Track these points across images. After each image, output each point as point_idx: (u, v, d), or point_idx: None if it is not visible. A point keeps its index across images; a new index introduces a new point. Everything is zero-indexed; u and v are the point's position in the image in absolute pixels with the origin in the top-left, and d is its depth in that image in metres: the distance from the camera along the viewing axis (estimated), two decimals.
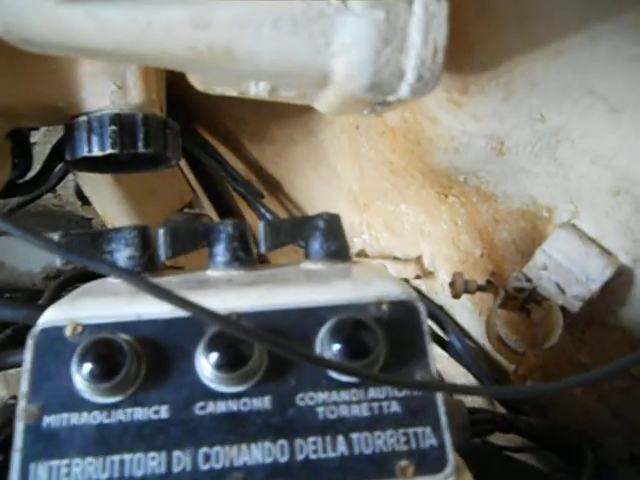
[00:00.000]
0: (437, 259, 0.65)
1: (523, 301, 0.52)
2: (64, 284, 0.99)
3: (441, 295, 0.67)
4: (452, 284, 0.53)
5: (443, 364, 0.65)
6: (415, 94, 0.27)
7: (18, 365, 0.77)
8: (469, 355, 0.58)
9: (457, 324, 0.66)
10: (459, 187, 0.56)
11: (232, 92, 0.34)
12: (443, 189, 0.58)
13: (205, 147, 0.78)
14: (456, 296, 0.52)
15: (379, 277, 0.37)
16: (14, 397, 0.85)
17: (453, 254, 0.63)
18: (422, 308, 0.35)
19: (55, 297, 0.93)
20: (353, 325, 0.32)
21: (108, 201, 0.85)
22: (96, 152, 0.55)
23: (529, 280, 0.50)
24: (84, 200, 1.05)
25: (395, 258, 0.68)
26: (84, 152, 0.56)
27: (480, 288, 0.53)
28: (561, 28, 0.37)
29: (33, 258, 1.14)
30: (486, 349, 0.64)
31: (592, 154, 0.44)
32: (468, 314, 0.64)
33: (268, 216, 0.74)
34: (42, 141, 0.98)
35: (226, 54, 0.26)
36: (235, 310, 0.33)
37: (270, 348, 0.29)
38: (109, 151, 0.55)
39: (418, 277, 0.66)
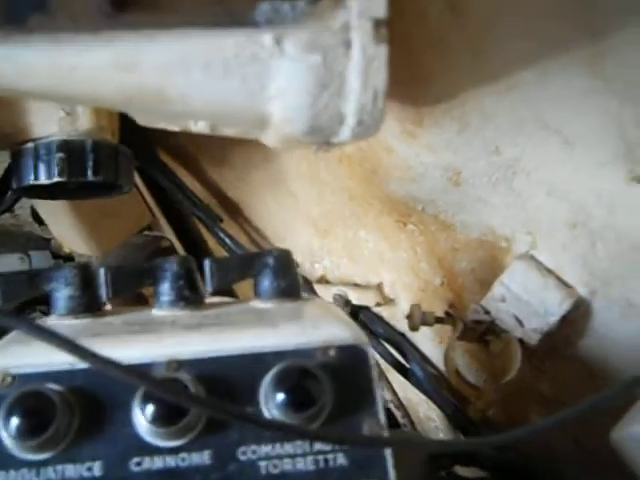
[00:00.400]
0: (397, 286, 0.64)
1: (482, 333, 0.51)
2: (21, 307, 0.96)
3: (402, 322, 0.66)
4: (410, 316, 0.52)
5: (405, 391, 0.64)
6: (357, 137, 0.26)
7: None
8: (430, 383, 0.57)
9: (419, 351, 0.65)
10: (417, 215, 0.55)
11: (174, 127, 0.32)
12: (401, 217, 0.57)
13: (164, 170, 0.77)
14: (413, 328, 0.51)
15: (327, 319, 0.35)
16: None
17: (413, 282, 0.62)
18: (371, 353, 0.33)
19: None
20: (297, 373, 0.31)
21: (62, 224, 0.82)
22: (43, 180, 0.53)
23: (487, 312, 0.50)
24: (40, 221, 1.02)
25: (355, 285, 0.67)
26: (30, 180, 0.54)
27: (438, 320, 0.52)
28: (513, 63, 0.37)
29: None
30: (447, 379, 0.63)
31: (548, 186, 0.44)
32: (429, 342, 0.64)
33: (227, 241, 0.73)
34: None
35: (157, 97, 0.25)
36: (175, 357, 0.32)
37: (203, 410, 0.28)
38: (56, 179, 0.53)
39: (379, 304, 0.65)
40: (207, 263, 0.39)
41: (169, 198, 0.85)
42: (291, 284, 0.40)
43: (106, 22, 0.23)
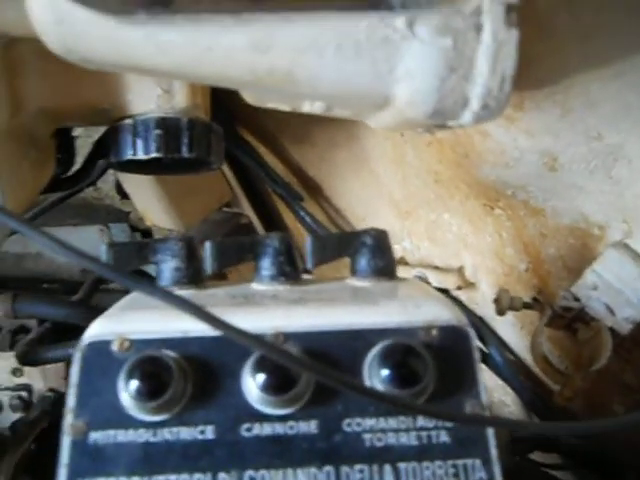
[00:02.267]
0: (479, 270, 0.64)
1: (570, 320, 0.51)
2: (100, 280, 1.00)
3: (482, 307, 0.66)
4: (497, 300, 0.51)
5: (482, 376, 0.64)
6: (478, 121, 0.27)
7: (58, 361, 0.78)
8: (509, 369, 0.57)
9: (498, 337, 0.65)
10: (506, 200, 0.55)
11: (285, 107, 0.33)
12: (489, 201, 0.57)
13: (246, 148, 0.78)
14: (500, 313, 0.51)
15: (428, 299, 0.36)
16: (51, 390, 0.86)
17: (496, 266, 0.61)
18: (473, 334, 0.34)
19: (92, 291, 0.94)
20: (402, 351, 0.32)
21: (147, 199, 0.85)
22: (140, 156, 0.55)
23: (577, 299, 0.49)
24: (123, 194, 1.05)
25: (436, 267, 0.67)
26: (129, 155, 0.55)
27: (526, 305, 0.52)
28: (624, 48, 0.36)
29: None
30: (527, 363, 0.63)
31: None
32: (509, 327, 0.63)
33: (307, 219, 0.74)
34: (83, 135, 0.99)
35: (286, 78, 0.26)
36: (281, 330, 0.33)
37: (317, 377, 0.29)
38: (153, 155, 0.55)
39: (459, 288, 0.65)
40: (308, 240, 0.40)
41: (249, 176, 0.87)
42: (388, 263, 0.41)
43: (246, 4, 0.23)
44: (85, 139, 0.96)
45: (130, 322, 0.34)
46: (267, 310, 0.35)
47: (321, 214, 0.80)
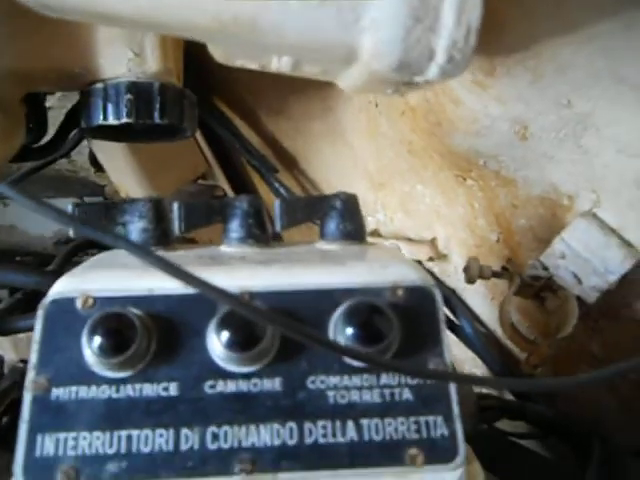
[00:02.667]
0: (451, 242, 0.64)
1: (538, 289, 0.51)
2: (75, 250, 0.99)
3: (453, 278, 0.66)
4: (467, 269, 0.52)
5: (452, 348, 0.65)
6: (444, 76, 0.26)
7: (28, 330, 0.78)
8: (479, 340, 0.57)
9: (469, 308, 0.65)
10: (478, 170, 0.55)
11: (253, 65, 0.33)
12: (461, 172, 0.57)
13: (221, 119, 0.77)
14: (470, 281, 0.51)
15: (395, 261, 0.36)
16: (23, 361, 0.85)
17: (468, 238, 0.62)
18: (438, 295, 0.34)
19: (65, 263, 0.93)
20: (368, 310, 0.32)
21: (122, 170, 0.84)
22: (111, 121, 0.54)
23: (546, 268, 0.49)
24: (98, 167, 1.04)
25: (409, 239, 0.68)
26: (99, 120, 0.55)
27: (495, 274, 0.52)
28: (596, 13, 0.36)
29: (44, 223, 1.14)
30: (497, 335, 0.63)
31: (618, 143, 0.43)
32: (480, 299, 0.64)
33: (282, 191, 0.73)
34: (57, 106, 0.97)
35: (251, 26, 0.25)
36: (247, 289, 0.33)
37: (284, 331, 0.29)
38: (124, 120, 0.54)
39: (431, 259, 0.65)
40: (277, 203, 0.40)
41: (224, 148, 0.86)
42: (357, 227, 0.41)
43: None
44: (59, 110, 0.95)
45: (94, 280, 0.33)
46: (233, 269, 0.35)
47: (296, 186, 0.80)
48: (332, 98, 0.69)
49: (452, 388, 0.32)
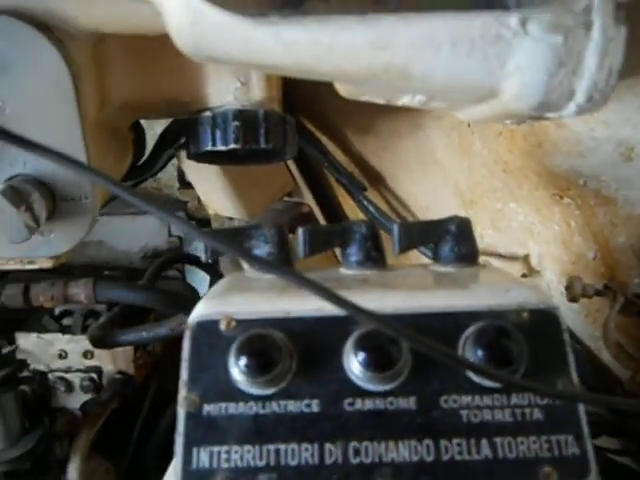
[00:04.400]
0: (545, 259, 0.65)
1: None
2: (163, 265, 1.03)
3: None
4: (569, 287, 0.53)
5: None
6: (580, 114, 0.28)
7: (128, 343, 0.82)
8: (577, 357, 0.58)
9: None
10: (577, 189, 0.55)
11: (379, 100, 0.35)
12: (559, 190, 0.58)
13: (309, 138, 0.80)
14: (573, 299, 0.52)
15: (516, 284, 0.37)
16: (120, 372, 0.89)
17: (563, 255, 0.62)
18: (562, 317, 0.35)
19: (156, 277, 0.97)
20: (497, 332, 0.33)
21: (212, 187, 0.87)
22: (220, 147, 0.58)
23: None
24: (184, 184, 1.08)
25: (500, 255, 0.68)
26: (208, 146, 0.58)
27: (598, 293, 0.53)
28: None
29: (131, 238, 1.19)
30: (592, 352, 0.63)
31: None
32: (574, 315, 0.64)
33: (371, 209, 0.75)
34: (146, 127, 1.02)
35: (401, 74, 0.27)
36: (380, 311, 0.35)
37: (426, 351, 0.30)
38: (232, 146, 0.57)
39: (524, 276, 0.66)
40: (395, 227, 0.42)
41: (310, 166, 0.89)
42: (471, 250, 0.42)
43: (371, 6, 0.25)
44: (147, 131, 0.99)
45: (235, 303, 0.36)
46: (362, 293, 0.37)
47: (383, 204, 0.81)
48: (421, 116, 0.70)
49: (581, 408, 0.33)
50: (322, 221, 0.91)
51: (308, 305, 0.35)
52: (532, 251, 0.66)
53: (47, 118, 0.48)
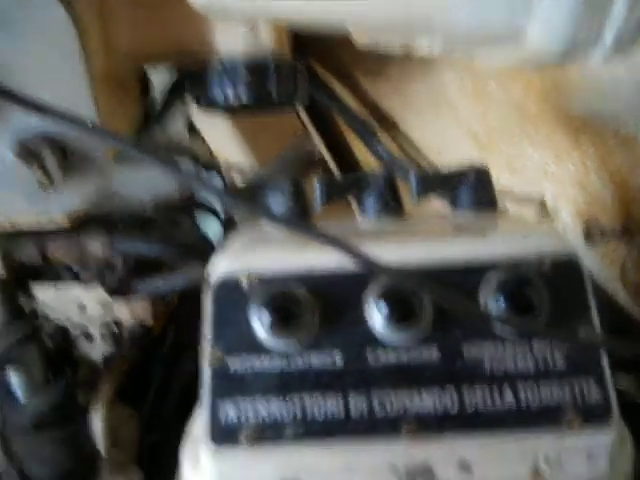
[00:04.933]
0: (560, 200, 0.64)
1: None
2: (176, 214, 1.03)
3: None
4: (586, 230, 0.52)
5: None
6: (606, 60, 0.27)
7: (145, 293, 0.82)
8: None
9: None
10: (594, 130, 0.54)
11: (397, 48, 0.34)
12: (576, 131, 0.57)
13: (319, 83, 0.78)
14: (590, 242, 0.52)
15: (537, 230, 0.37)
16: (139, 323, 0.90)
17: (578, 195, 0.62)
18: (583, 263, 0.35)
19: (169, 226, 0.97)
20: (518, 282, 0.33)
21: (221, 136, 0.87)
22: (232, 102, 0.56)
23: None
24: (193, 132, 1.07)
25: (516, 199, 0.68)
26: (221, 102, 0.57)
27: (615, 234, 0.53)
28: None
29: (143, 187, 1.18)
30: (609, 295, 0.63)
31: None
32: (591, 257, 0.64)
33: (384, 154, 0.74)
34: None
35: (422, 17, 0.26)
36: (399, 263, 0.35)
37: (448, 305, 0.30)
38: (245, 102, 0.56)
39: (540, 218, 0.66)
40: (412, 175, 0.41)
41: (320, 110, 0.87)
42: (490, 198, 0.42)
43: None
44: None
45: (256, 259, 0.36)
46: (382, 245, 0.36)
47: (395, 148, 0.80)
48: (434, 59, 0.69)
49: (603, 354, 0.33)
50: (333, 167, 0.90)
51: (329, 259, 0.35)
52: (547, 192, 0.65)
53: (54, 75, 0.47)
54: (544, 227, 0.38)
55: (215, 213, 1.07)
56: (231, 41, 0.57)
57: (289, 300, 0.33)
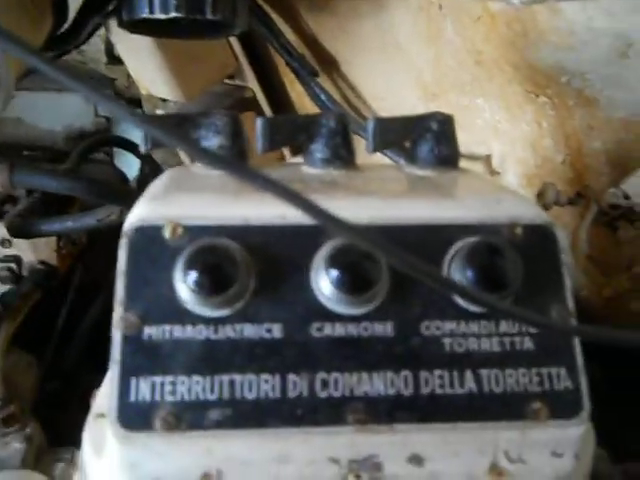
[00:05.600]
0: (508, 160, 0.61)
1: (612, 218, 0.49)
2: (90, 148, 0.94)
3: None
4: (541, 194, 0.49)
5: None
6: None
7: (50, 234, 0.75)
8: None
9: None
10: (556, 87, 0.51)
11: None
12: (535, 88, 0.52)
13: (258, 13, 0.71)
14: (545, 207, 0.49)
15: (508, 194, 0.33)
16: (42, 262, 0.82)
17: (529, 157, 0.58)
18: (559, 234, 0.31)
19: (81, 161, 0.88)
20: (489, 250, 0.29)
21: (145, 64, 0.78)
22: (158, 15, 0.49)
23: (627, 197, 0.47)
24: (112, 59, 0.98)
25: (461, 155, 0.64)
26: (145, 13, 0.49)
27: (571, 201, 0.49)
28: None
29: (54, 116, 1.08)
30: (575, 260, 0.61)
31: None
32: None
33: (322, 97, 0.69)
34: None
35: None
36: (355, 221, 0.30)
37: (408, 270, 0.25)
38: (173, 14, 0.49)
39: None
40: (371, 122, 0.36)
41: (256, 45, 0.80)
42: (452, 153, 0.37)
43: None
44: None
45: (182, 205, 0.30)
46: (333, 199, 0.31)
47: (335, 91, 0.74)
48: None
49: (575, 339, 0.29)
50: (266, 107, 0.83)
51: (270, 211, 0.29)
52: (495, 151, 0.61)
53: None
54: (515, 192, 0.34)
55: (133, 149, 0.98)
56: None
57: (221, 257, 0.28)
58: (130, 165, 1.05)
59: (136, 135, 1.07)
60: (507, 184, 0.63)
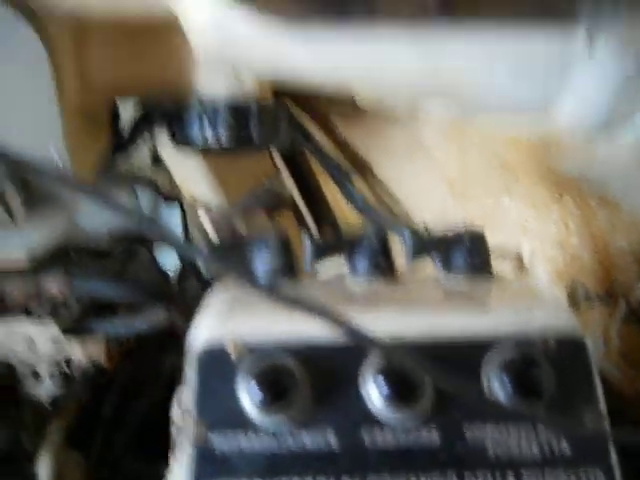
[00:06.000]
0: (537, 258, 0.64)
1: None
2: (134, 246, 0.99)
3: None
4: (571, 292, 0.51)
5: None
6: (637, 139, 0.26)
7: (103, 334, 0.78)
8: None
9: None
10: (579, 191, 0.54)
11: (401, 106, 0.32)
12: (559, 189, 0.56)
13: (294, 122, 0.76)
14: (575, 305, 0.51)
15: (539, 303, 0.35)
16: (93, 363, 0.85)
17: (557, 255, 0.61)
18: (590, 345, 0.33)
19: (127, 261, 0.92)
20: (524, 362, 0.31)
21: (190, 172, 0.83)
22: (210, 144, 0.54)
23: None
24: (157, 162, 1.04)
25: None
26: (199, 142, 0.54)
27: (600, 299, 0.52)
28: None
29: (99, 217, 1.14)
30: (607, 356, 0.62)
31: None
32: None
33: (358, 199, 0.73)
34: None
35: (449, 92, 0.25)
36: (397, 336, 0.32)
37: (449, 388, 0.28)
38: (224, 144, 0.53)
39: (514, 273, 0.65)
40: (406, 234, 0.39)
41: (293, 151, 0.85)
42: (484, 262, 0.40)
43: (421, 19, 0.22)
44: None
45: (243, 325, 0.33)
46: (377, 316, 0.34)
47: (368, 192, 0.79)
48: None
49: (611, 442, 0.31)
50: (304, 210, 0.88)
51: (323, 328, 0.32)
52: (524, 249, 0.64)
53: (25, 108, 0.44)
54: (547, 298, 0.37)
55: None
56: (213, 81, 0.55)
57: (281, 374, 0.31)
58: (171, 257, 1.09)
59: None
60: (537, 281, 0.65)
